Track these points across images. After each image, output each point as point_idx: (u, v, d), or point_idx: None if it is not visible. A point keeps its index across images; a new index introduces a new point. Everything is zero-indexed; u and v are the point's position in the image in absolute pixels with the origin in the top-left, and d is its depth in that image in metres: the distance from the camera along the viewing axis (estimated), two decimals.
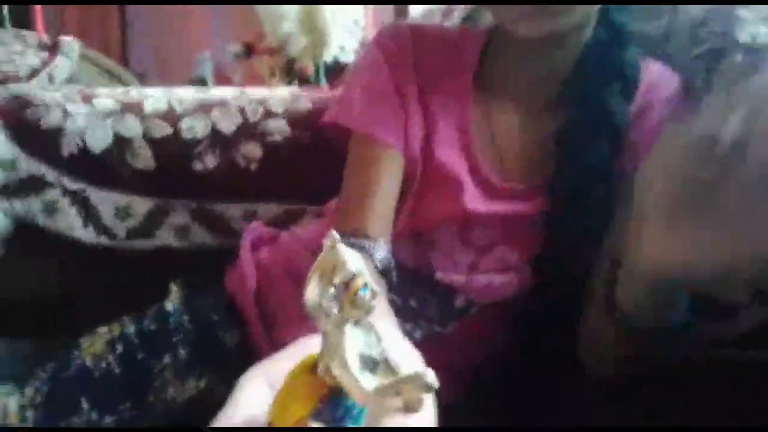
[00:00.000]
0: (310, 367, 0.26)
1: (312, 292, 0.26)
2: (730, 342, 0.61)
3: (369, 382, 0.25)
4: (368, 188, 0.64)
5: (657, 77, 0.66)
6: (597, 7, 0.62)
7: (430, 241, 0.66)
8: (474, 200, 0.65)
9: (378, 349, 0.26)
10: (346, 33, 1.70)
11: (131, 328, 0.65)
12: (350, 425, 0.26)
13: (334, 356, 0.25)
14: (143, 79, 2.87)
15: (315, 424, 0.25)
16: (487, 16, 1.07)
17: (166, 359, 0.63)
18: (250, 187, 0.92)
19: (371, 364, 0.26)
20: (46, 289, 0.97)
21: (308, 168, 0.92)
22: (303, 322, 0.32)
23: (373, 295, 0.25)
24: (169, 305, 0.68)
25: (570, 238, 0.62)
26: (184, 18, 3.42)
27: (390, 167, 0.65)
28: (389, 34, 0.69)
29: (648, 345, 0.54)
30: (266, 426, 0.26)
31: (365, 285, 0.25)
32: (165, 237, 0.91)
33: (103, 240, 0.89)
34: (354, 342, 0.26)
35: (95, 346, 0.63)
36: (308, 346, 0.29)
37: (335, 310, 0.25)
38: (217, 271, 0.80)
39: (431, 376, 0.25)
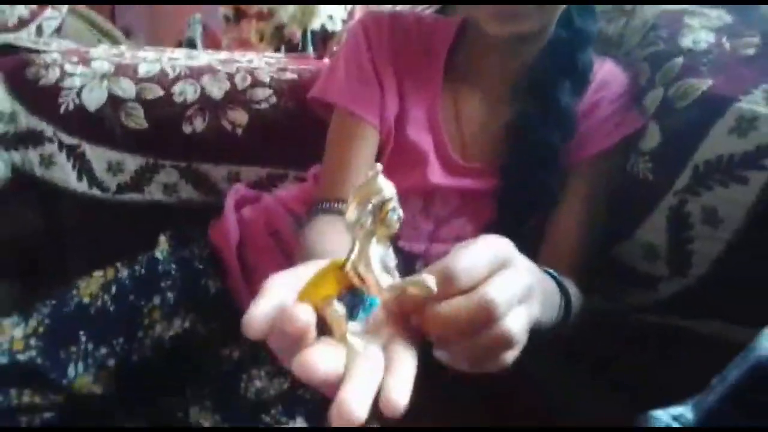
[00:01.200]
0: (339, 265, 0.34)
1: (351, 209, 0.33)
2: (652, 308, 0.70)
3: (385, 280, 0.33)
4: (346, 159, 0.71)
5: (609, 75, 0.74)
6: (563, 9, 0.69)
7: None
8: (437, 174, 0.72)
9: (392, 261, 0.34)
10: (335, 3, 1.75)
11: (124, 273, 0.72)
12: (361, 314, 0.34)
13: (361, 258, 0.33)
14: (129, 35, 2.87)
15: (337, 304, 0.32)
16: (460, 8, 1.14)
17: (156, 301, 0.71)
18: (236, 151, 0.98)
19: (387, 270, 0.33)
20: (35, 235, 1.04)
21: (291, 135, 0.99)
22: None
23: (399, 218, 0.33)
24: (159, 254, 0.75)
25: (517, 213, 0.71)
26: None
27: (366, 140, 0.72)
28: (370, 22, 0.76)
29: None
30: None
31: (394, 209, 0.33)
32: (154, 192, 0.98)
33: (96, 192, 0.96)
34: (376, 251, 0.33)
35: (91, 287, 0.70)
36: (319, 264, 0.36)
37: (369, 223, 0.33)
38: (202, 225, 0.87)
39: (432, 282, 0.33)
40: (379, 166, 0.33)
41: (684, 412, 0.42)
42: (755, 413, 0.39)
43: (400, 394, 0.30)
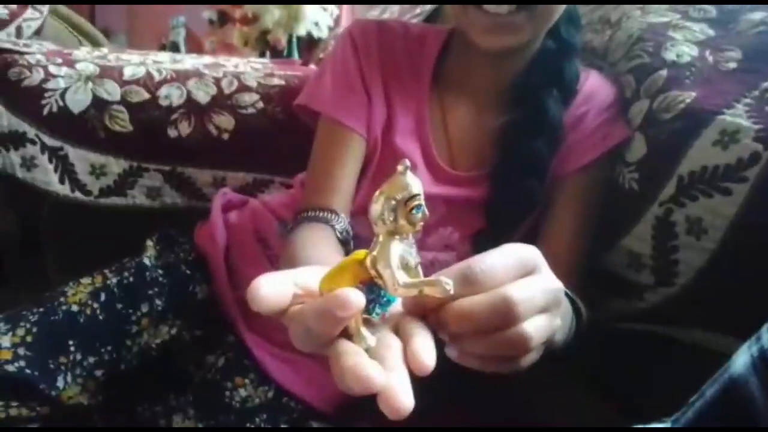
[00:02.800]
0: (360, 259, 0.33)
1: (377, 204, 0.32)
2: (637, 317, 0.71)
3: (402, 278, 0.33)
4: (333, 168, 0.71)
5: (595, 87, 0.75)
6: (552, 21, 0.69)
7: None
8: (424, 182, 0.70)
9: (414, 259, 0.34)
10: (321, 10, 1.74)
11: (113, 280, 0.71)
12: (378, 310, 0.33)
13: (381, 254, 0.32)
14: (109, 36, 2.84)
15: None
16: (449, 18, 1.15)
17: (144, 308, 0.69)
18: (221, 156, 0.97)
19: (406, 268, 0.33)
20: (13, 235, 1.03)
21: (277, 141, 0.98)
22: None
23: (424, 216, 0.33)
24: (146, 260, 0.74)
25: (506, 222, 0.71)
26: None
27: (353, 150, 0.72)
28: (358, 30, 0.76)
29: None
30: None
31: (419, 206, 0.32)
32: (137, 196, 0.97)
33: (78, 195, 0.94)
34: (397, 248, 0.33)
35: (80, 295, 0.68)
36: (315, 269, 0.36)
37: (391, 218, 0.32)
38: (185, 230, 0.86)
39: (449, 283, 0.33)
40: (407, 162, 0.32)
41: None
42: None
43: (427, 354, 0.30)
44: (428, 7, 1.29)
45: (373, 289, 0.33)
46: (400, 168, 0.33)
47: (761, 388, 0.37)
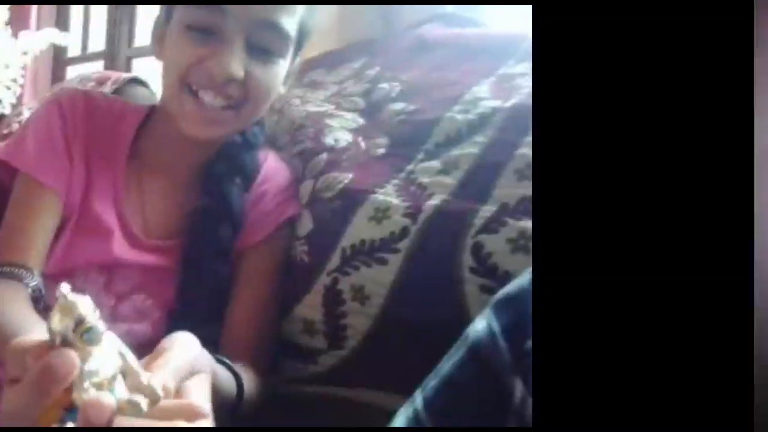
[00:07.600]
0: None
1: (54, 325, 0.30)
2: (312, 379, 0.69)
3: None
4: (28, 224, 0.67)
5: (274, 169, 0.76)
6: (254, 120, 0.72)
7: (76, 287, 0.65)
8: (120, 249, 0.69)
9: (110, 368, 0.31)
10: (5, 89, 1.56)
11: None
12: None
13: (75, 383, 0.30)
14: None
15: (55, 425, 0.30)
16: (136, 92, 1.07)
17: None
18: None
19: (103, 384, 0.31)
20: None
21: None
22: None
23: (98, 335, 0.31)
24: None
25: (194, 295, 0.70)
26: None
27: (49, 208, 0.68)
28: (67, 98, 0.72)
29: None
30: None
31: (89, 329, 0.30)
32: None
33: None
34: (88, 368, 0.30)
35: None
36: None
37: (68, 343, 0.30)
38: None
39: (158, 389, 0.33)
40: (65, 286, 0.30)
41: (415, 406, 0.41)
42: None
43: None
44: (124, 76, 1.19)
45: (73, 414, 0.31)
46: (58, 296, 0.30)
47: None
